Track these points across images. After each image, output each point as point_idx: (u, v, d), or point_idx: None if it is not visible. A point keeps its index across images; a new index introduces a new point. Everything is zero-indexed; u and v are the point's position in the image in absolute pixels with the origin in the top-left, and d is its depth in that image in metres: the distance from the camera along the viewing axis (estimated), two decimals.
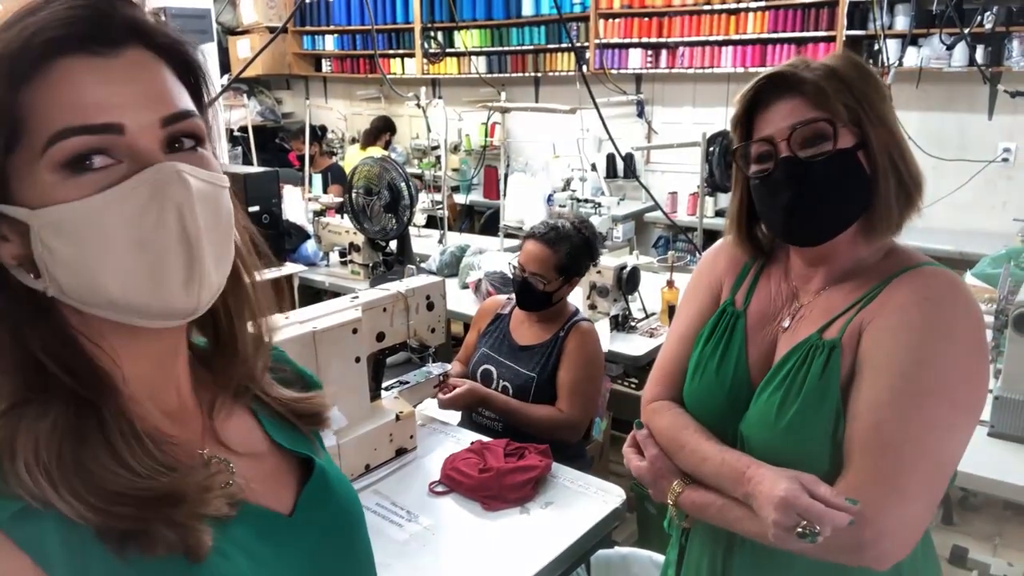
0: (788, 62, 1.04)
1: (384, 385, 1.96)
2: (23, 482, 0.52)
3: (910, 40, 4.29)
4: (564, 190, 4.73)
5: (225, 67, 6.07)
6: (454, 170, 6.21)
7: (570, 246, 2.20)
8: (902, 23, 4.39)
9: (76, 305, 0.57)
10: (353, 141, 6.77)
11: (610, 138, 2.71)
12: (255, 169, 3.74)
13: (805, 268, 1.12)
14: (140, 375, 0.62)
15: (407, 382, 2.02)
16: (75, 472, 0.54)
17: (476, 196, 6.21)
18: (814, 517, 0.88)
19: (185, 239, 0.55)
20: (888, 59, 4.23)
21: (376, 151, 5.76)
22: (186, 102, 0.59)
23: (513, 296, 2.36)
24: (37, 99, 0.53)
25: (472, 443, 1.84)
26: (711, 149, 3.73)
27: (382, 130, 5.99)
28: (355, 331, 1.72)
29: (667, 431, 1.15)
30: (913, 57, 4.34)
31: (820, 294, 1.09)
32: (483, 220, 5.87)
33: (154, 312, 0.57)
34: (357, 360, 1.74)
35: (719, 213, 5.05)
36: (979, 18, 3.57)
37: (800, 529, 0.88)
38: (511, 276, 2.26)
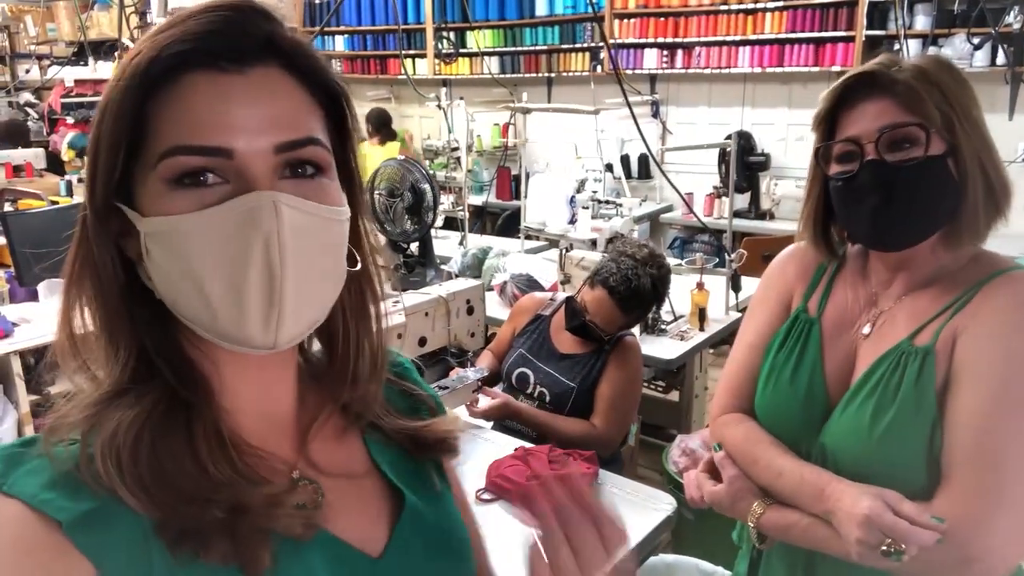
0: (877, 60, 1.00)
1: None
2: (96, 469, 0.52)
3: (931, 40, 4.26)
4: (580, 191, 4.70)
5: None
6: (467, 171, 6.19)
7: (642, 310, 2.14)
8: (922, 23, 4.36)
9: (173, 312, 0.57)
10: (361, 140, 6.73)
11: (641, 137, 2.68)
12: None
13: (885, 272, 1.09)
14: (239, 386, 0.61)
15: (447, 387, 1.99)
16: (148, 464, 0.54)
17: (489, 197, 6.18)
18: (899, 535, 0.86)
19: (268, 274, 0.53)
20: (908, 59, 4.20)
21: (396, 144, 5.73)
22: (309, 128, 0.57)
23: (556, 297, 2.32)
24: (161, 111, 0.54)
25: (516, 449, 1.81)
26: (728, 150, 3.71)
27: (389, 123, 5.94)
28: (399, 336, 1.70)
29: (740, 444, 1.12)
30: None
31: (902, 299, 1.06)
32: (500, 221, 5.83)
33: (232, 339, 0.55)
34: None
35: (736, 214, 5.02)
36: (1005, 17, 3.55)
37: (884, 547, 0.87)
38: (573, 308, 2.14)
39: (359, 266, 0.63)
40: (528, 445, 1.85)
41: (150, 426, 0.55)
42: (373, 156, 5.41)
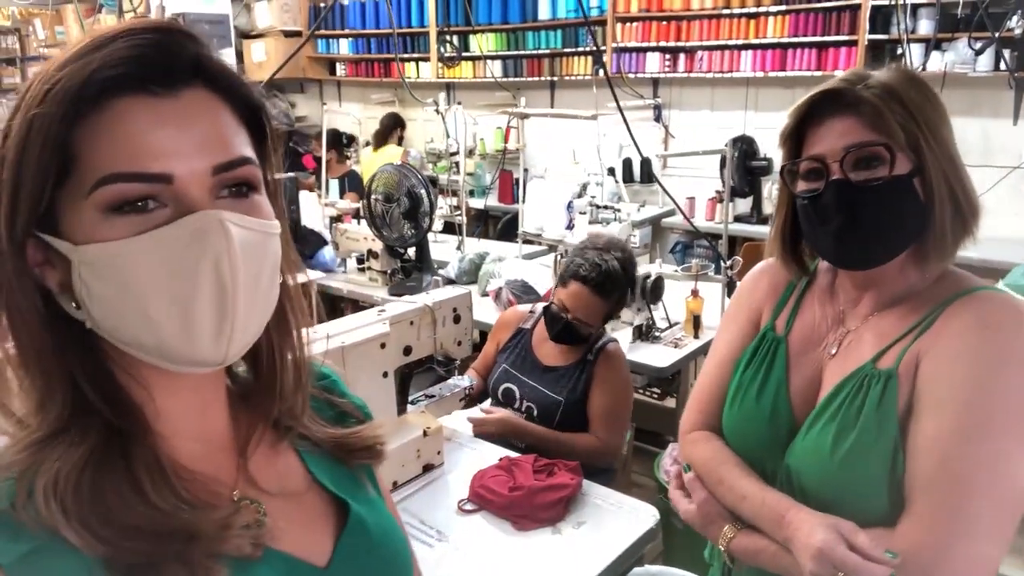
0: (844, 76, 1.00)
1: (409, 398, 1.93)
2: (36, 509, 0.52)
3: (934, 44, 4.23)
4: (580, 196, 4.69)
5: (240, 71, 6.08)
6: (469, 174, 6.18)
7: (620, 293, 2.13)
8: (926, 27, 4.33)
9: (110, 340, 0.57)
10: (367, 144, 6.76)
11: (635, 143, 2.67)
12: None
13: (853, 291, 1.08)
14: (174, 410, 0.62)
15: (432, 395, 1.99)
16: (91, 502, 0.53)
17: (491, 201, 6.17)
18: (850, 570, 0.86)
19: (220, 290, 0.54)
20: (911, 64, 4.17)
21: (392, 148, 5.73)
22: (241, 148, 0.58)
23: (536, 309, 2.31)
24: (91, 137, 0.53)
25: (500, 459, 1.81)
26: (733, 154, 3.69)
27: (392, 128, 5.95)
28: (383, 345, 1.70)
29: (707, 463, 1.12)
30: (937, 62, 4.28)
31: (869, 319, 1.05)
32: (500, 225, 5.83)
33: (181, 359, 0.56)
34: (385, 375, 1.71)
35: (737, 219, 5.00)
36: (1007, 22, 3.52)
37: None
38: (552, 314, 2.14)
39: (281, 279, 0.64)
40: (513, 455, 1.85)
41: (91, 466, 0.55)
42: (373, 161, 5.43)
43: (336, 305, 3.82)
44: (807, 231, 1.05)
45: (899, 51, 4.28)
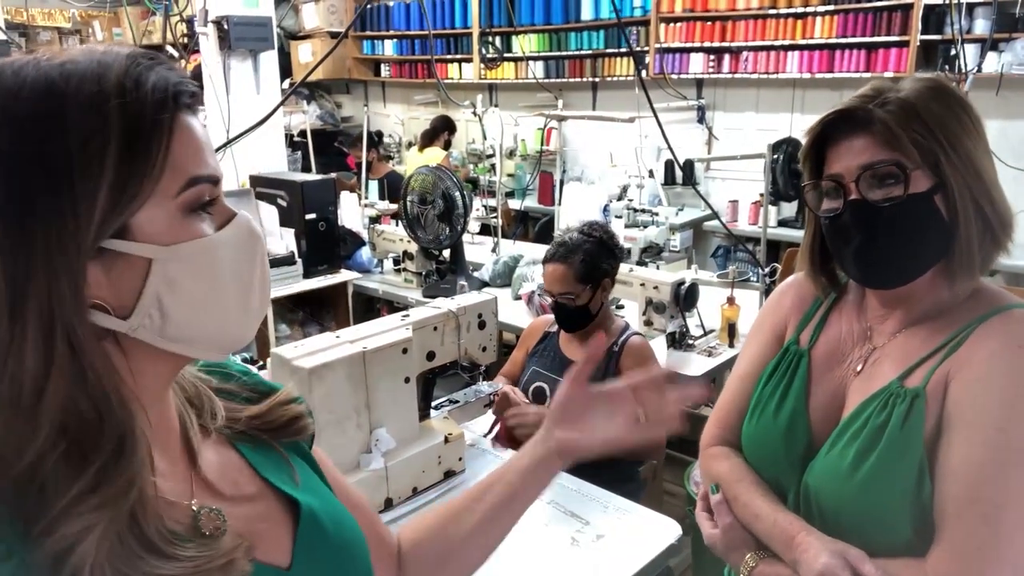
0: (862, 91, 0.96)
1: (433, 403, 1.92)
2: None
3: (990, 45, 4.08)
4: (620, 199, 4.64)
5: (286, 72, 6.18)
6: (509, 175, 6.17)
7: (582, 253, 2.17)
8: (982, 27, 4.17)
9: (160, 343, 0.57)
10: (410, 146, 6.80)
11: (669, 148, 2.63)
12: (312, 177, 3.77)
13: (881, 308, 1.04)
14: (155, 424, 0.61)
15: (457, 401, 1.98)
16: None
17: (530, 202, 6.15)
18: None
19: (263, 277, 0.64)
20: (966, 65, 4.03)
21: (435, 151, 5.75)
22: None
23: None
24: (173, 147, 0.57)
25: None
26: (775, 157, 3.60)
27: (440, 130, 5.97)
28: (405, 351, 1.69)
29: (723, 480, 1.11)
30: (993, 63, 4.12)
31: (897, 336, 1.01)
32: (537, 227, 5.81)
33: (234, 344, 0.64)
34: (407, 380, 1.70)
35: (782, 223, 4.89)
36: None
37: None
38: (551, 307, 2.24)
39: None
40: None
41: (114, 551, 0.52)
42: (417, 162, 5.45)
43: (372, 306, 3.85)
44: (832, 250, 1.03)
45: (953, 52, 4.14)
